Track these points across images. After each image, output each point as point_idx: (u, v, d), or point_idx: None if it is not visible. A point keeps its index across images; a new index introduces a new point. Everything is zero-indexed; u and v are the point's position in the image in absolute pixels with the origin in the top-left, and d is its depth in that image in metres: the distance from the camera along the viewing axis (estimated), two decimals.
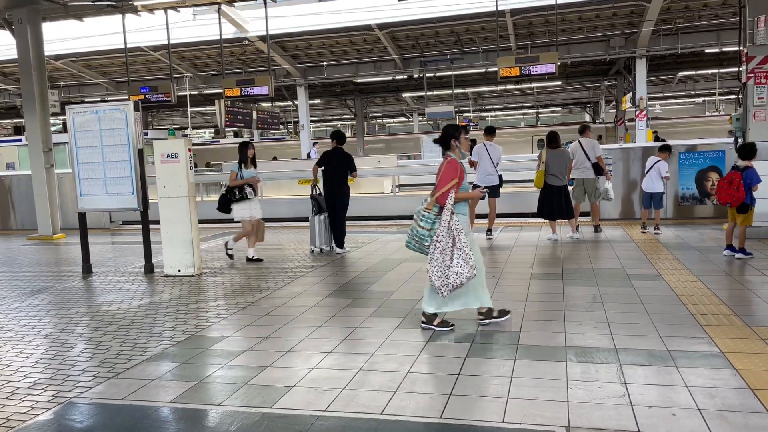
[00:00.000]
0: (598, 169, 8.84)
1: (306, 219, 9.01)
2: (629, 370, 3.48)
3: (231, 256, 7.81)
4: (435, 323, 4.45)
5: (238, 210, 7.61)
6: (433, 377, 3.51)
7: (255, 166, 7.89)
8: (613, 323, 4.40)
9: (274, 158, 24.69)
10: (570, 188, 8.89)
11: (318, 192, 8.30)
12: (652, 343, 3.95)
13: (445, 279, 4.23)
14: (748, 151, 6.64)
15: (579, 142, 8.90)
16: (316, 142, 25.23)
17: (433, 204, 4.39)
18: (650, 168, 8.67)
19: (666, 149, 8.77)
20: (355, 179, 8.68)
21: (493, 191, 8.94)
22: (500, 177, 9.05)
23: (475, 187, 8.97)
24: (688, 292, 5.23)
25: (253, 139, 33.46)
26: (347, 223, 8.47)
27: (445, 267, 4.23)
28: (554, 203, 8.47)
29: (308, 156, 22.88)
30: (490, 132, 9.16)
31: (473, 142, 7.79)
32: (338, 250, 8.20)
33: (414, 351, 3.98)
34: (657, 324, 4.34)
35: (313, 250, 8.28)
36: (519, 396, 3.20)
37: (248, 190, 7.58)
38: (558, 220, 8.60)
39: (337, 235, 8.24)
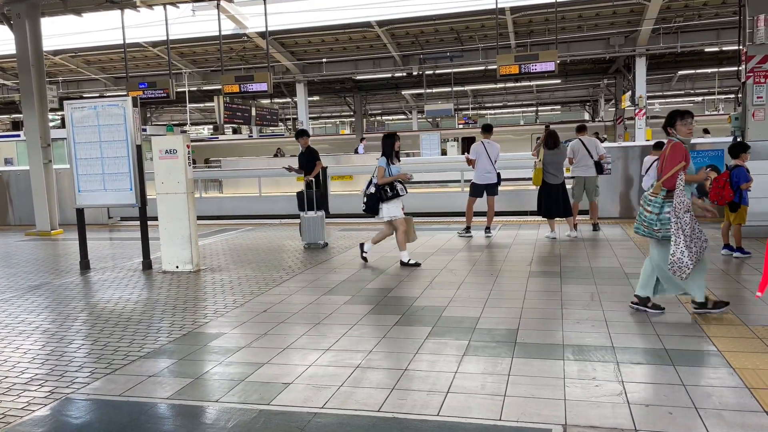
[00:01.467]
0: (600, 167, 8.84)
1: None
2: (626, 369, 3.49)
3: (365, 260, 7.16)
4: (648, 305, 4.53)
5: (389, 209, 6.92)
6: (431, 375, 3.51)
7: (399, 160, 7.21)
8: (611, 321, 4.40)
9: (275, 155, 24.67)
10: (569, 186, 8.89)
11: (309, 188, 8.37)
12: (650, 341, 3.95)
13: (686, 260, 4.26)
14: (736, 149, 6.68)
15: (580, 140, 8.88)
16: (364, 138, 25.63)
17: (660, 188, 4.41)
18: (649, 167, 8.66)
19: (660, 147, 8.76)
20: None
21: (492, 189, 8.94)
22: (498, 175, 9.05)
23: (474, 185, 9.03)
24: None
25: (251, 135, 33.44)
26: (345, 220, 8.51)
27: (685, 248, 4.25)
28: (552, 201, 8.48)
29: (356, 152, 23.36)
30: (487, 130, 9.14)
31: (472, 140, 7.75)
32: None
33: (411, 348, 3.98)
34: (654, 323, 4.34)
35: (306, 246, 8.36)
36: (516, 394, 3.20)
37: (399, 187, 6.89)
38: (556, 219, 8.60)
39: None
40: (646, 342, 3.94)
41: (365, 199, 7.04)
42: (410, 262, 6.84)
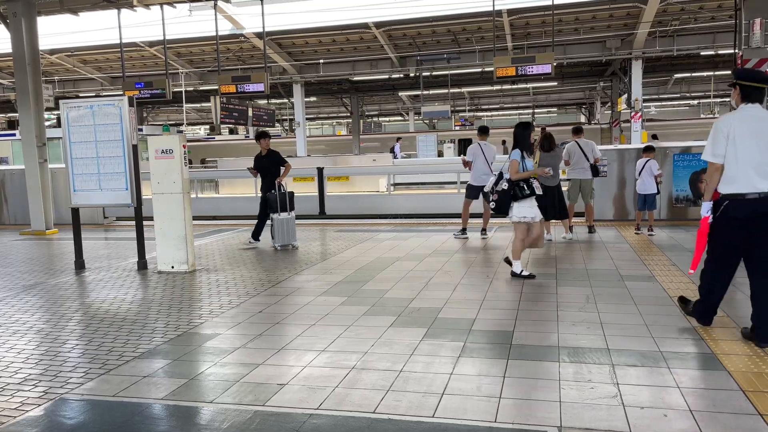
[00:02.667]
0: (596, 170, 8.87)
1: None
2: (621, 371, 3.49)
3: (533, 276, 6.13)
4: None
5: (521, 209, 6.07)
6: (426, 376, 3.51)
7: (532, 154, 6.37)
8: (606, 324, 4.41)
9: None
10: (565, 188, 8.92)
11: (282, 190, 8.42)
12: (645, 343, 3.96)
13: None
14: None
15: (576, 142, 8.90)
16: (400, 138, 25.95)
17: None
18: (641, 169, 8.70)
19: (650, 149, 8.85)
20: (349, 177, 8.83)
21: None
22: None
23: (470, 187, 9.03)
24: (681, 293, 5.24)
25: (247, 136, 33.38)
26: (342, 220, 8.50)
27: None
28: (548, 203, 8.48)
29: (392, 151, 23.56)
30: (483, 132, 9.17)
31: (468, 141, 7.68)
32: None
33: (407, 350, 3.97)
34: (649, 325, 4.35)
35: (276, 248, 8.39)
36: (511, 396, 3.21)
37: (535, 184, 6.12)
38: (552, 221, 8.61)
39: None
40: (642, 344, 3.95)
41: (495, 196, 6.13)
42: (523, 274, 6.05)
